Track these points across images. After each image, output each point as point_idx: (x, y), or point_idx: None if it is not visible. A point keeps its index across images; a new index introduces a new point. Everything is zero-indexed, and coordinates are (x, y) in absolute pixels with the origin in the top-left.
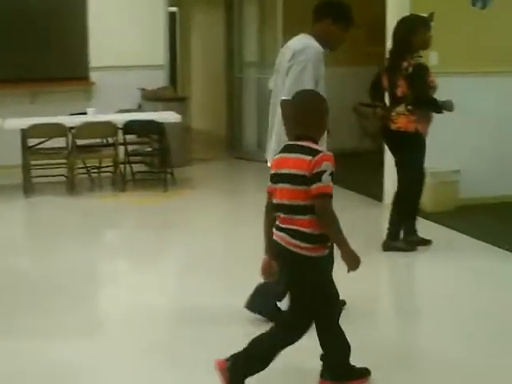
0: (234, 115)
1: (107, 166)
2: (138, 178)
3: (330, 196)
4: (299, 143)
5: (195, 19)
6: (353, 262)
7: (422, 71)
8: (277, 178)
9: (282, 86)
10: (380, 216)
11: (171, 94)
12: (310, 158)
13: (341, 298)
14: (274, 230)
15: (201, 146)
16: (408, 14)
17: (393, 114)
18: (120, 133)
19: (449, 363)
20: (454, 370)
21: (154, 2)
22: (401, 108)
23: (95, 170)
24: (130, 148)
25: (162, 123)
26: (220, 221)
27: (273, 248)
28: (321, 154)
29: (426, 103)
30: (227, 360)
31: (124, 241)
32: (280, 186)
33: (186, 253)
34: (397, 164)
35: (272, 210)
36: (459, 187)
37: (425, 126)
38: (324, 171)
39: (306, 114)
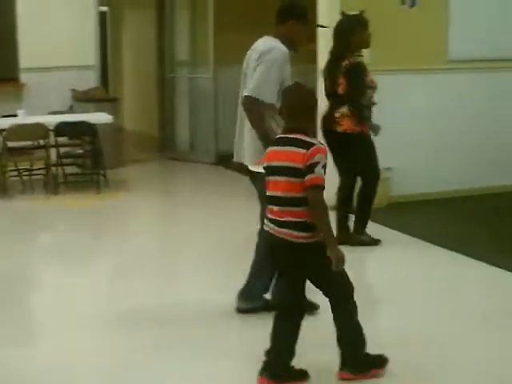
0: (166, 115)
1: (39, 169)
2: (70, 180)
3: (322, 187)
4: (291, 136)
5: (126, 19)
6: (339, 259)
7: (357, 70)
8: (269, 171)
9: None
10: None
11: (102, 95)
12: (304, 150)
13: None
14: (270, 224)
15: (133, 147)
16: (338, 12)
17: (337, 115)
18: (51, 135)
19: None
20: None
21: (84, 1)
22: (344, 109)
23: (27, 173)
24: (62, 150)
25: (93, 124)
26: (154, 222)
27: (272, 243)
28: (314, 147)
29: (355, 109)
30: (342, 369)
31: (57, 244)
32: (273, 178)
33: (120, 255)
34: (342, 166)
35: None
36: (391, 185)
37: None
38: (317, 163)
39: (298, 106)
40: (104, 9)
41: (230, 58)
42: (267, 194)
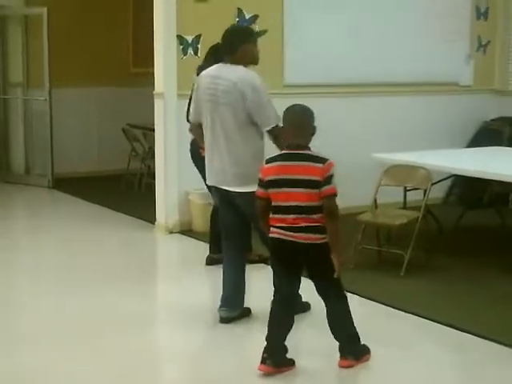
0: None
1: None
2: None
3: (336, 196)
4: (301, 152)
5: None
6: (341, 262)
7: None
8: (281, 183)
9: (231, 118)
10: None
11: None
12: (320, 165)
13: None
14: (282, 231)
15: None
16: (174, 35)
17: None
18: None
19: None
20: None
21: None
22: None
23: None
24: None
25: None
26: None
27: (284, 247)
28: (329, 161)
29: None
30: (343, 357)
31: None
32: (284, 190)
33: None
34: None
35: (269, 211)
36: None
37: None
38: (332, 175)
39: (304, 124)
40: None
41: (65, 80)
42: (277, 204)
